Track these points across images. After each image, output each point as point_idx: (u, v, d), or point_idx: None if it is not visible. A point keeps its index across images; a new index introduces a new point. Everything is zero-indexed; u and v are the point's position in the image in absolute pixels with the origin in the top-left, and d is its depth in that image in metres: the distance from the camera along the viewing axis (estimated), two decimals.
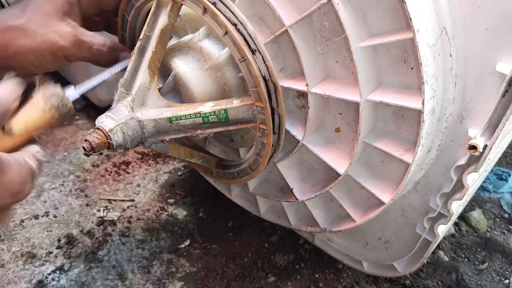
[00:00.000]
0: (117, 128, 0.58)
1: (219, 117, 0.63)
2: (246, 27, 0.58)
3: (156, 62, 0.63)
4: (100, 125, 0.58)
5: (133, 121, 0.60)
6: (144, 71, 0.62)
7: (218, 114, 0.62)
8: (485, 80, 0.60)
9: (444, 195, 0.71)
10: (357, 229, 0.79)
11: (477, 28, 0.57)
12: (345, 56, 0.63)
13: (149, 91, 0.63)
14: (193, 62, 0.66)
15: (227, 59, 0.66)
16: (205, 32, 0.68)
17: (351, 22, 0.58)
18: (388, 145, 0.66)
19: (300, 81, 0.67)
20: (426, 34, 0.55)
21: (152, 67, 0.63)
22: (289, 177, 0.80)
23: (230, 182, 0.77)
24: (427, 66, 0.55)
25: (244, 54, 0.57)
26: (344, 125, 0.69)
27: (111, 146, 0.58)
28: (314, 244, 1.02)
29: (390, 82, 0.63)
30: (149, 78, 0.63)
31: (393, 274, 0.88)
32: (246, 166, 0.71)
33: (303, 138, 0.71)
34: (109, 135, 0.57)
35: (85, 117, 1.47)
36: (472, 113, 0.63)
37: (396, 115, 0.65)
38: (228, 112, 0.62)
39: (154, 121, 0.61)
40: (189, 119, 0.62)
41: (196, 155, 0.74)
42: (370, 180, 0.71)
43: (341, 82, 0.65)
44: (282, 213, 0.93)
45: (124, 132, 0.59)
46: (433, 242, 0.76)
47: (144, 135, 0.62)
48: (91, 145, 0.56)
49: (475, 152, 0.60)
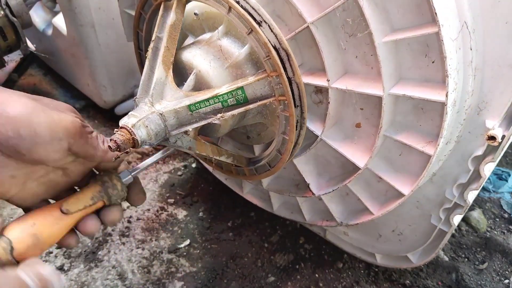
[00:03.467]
0: (140, 124, 0.59)
1: (237, 98, 0.63)
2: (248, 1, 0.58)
3: (169, 57, 0.64)
4: (123, 123, 0.59)
5: (154, 115, 0.60)
6: (159, 67, 0.63)
7: (236, 95, 0.63)
8: (503, 72, 0.62)
9: (461, 185, 0.73)
10: (371, 222, 0.81)
11: (496, 22, 0.59)
12: (365, 51, 0.64)
13: (166, 85, 0.64)
14: (214, 60, 0.67)
15: (246, 56, 0.67)
16: (223, 30, 0.69)
17: (375, 17, 0.59)
18: (409, 138, 0.67)
19: (319, 76, 0.68)
20: (449, 28, 0.56)
21: (166, 62, 0.64)
22: (306, 173, 0.81)
23: (260, 177, 0.77)
24: (451, 59, 0.57)
25: (251, 25, 0.58)
26: (363, 119, 0.70)
27: (136, 143, 0.58)
28: (326, 239, 1.03)
29: (411, 76, 0.64)
30: (164, 72, 0.64)
31: (407, 265, 0.90)
32: (275, 151, 0.71)
33: (322, 133, 0.72)
34: (133, 131, 0.58)
35: (85, 117, 1.46)
36: (489, 105, 0.65)
37: (416, 108, 0.66)
38: (246, 90, 0.62)
39: (174, 111, 0.62)
40: (208, 106, 0.63)
41: (225, 153, 0.74)
42: (390, 173, 0.73)
43: (361, 77, 0.66)
44: (296, 209, 0.93)
45: (147, 126, 0.59)
46: (449, 232, 0.78)
47: (167, 129, 0.62)
48: (116, 143, 0.57)
49: (494, 142, 0.62)
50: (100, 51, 1.22)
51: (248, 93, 0.63)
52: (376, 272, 1.03)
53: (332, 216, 0.85)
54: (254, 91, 0.63)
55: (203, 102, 0.62)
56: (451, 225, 0.76)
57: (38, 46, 1.46)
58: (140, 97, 0.63)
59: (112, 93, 1.32)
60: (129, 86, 1.35)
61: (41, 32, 1.36)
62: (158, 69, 0.63)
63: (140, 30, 0.74)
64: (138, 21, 0.73)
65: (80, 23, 1.16)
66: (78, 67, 1.33)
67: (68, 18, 1.19)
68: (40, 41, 1.41)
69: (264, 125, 0.76)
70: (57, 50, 1.36)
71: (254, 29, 0.58)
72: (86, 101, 1.48)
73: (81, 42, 1.21)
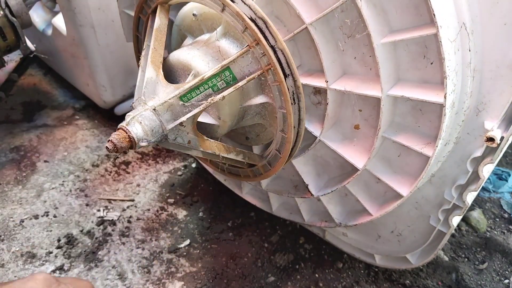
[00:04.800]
0: (133, 120, 0.59)
1: (226, 80, 0.64)
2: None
3: (158, 57, 0.66)
4: (119, 125, 0.59)
5: (147, 112, 0.61)
6: (149, 67, 0.65)
7: (224, 77, 0.63)
8: (502, 73, 0.61)
9: (459, 186, 0.73)
10: (370, 223, 0.81)
11: (494, 23, 0.59)
12: (363, 52, 0.64)
13: (157, 83, 0.64)
14: (212, 61, 0.67)
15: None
16: (222, 31, 0.69)
17: (373, 19, 0.59)
18: (407, 139, 0.67)
19: (318, 77, 0.68)
20: (448, 29, 0.56)
21: (155, 62, 0.65)
22: (305, 174, 0.81)
23: (269, 174, 0.77)
24: (449, 61, 0.57)
25: (224, 1, 0.59)
26: (362, 120, 0.70)
27: (133, 141, 0.58)
28: (325, 240, 1.03)
29: (409, 77, 0.64)
30: (154, 72, 0.65)
31: (406, 266, 0.90)
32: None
33: (320, 134, 0.72)
34: (127, 129, 0.58)
35: (85, 117, 1.46)
36: (488, 106, 0.65)
37: (414, 110, 0.66)
38: (233, 70, 0.63)
39: (167, 105, 0.62)
40: (200, 94, 0.63)
41: (233, 150, 0.73)
42: (388, 174, 0.73)
43: (359, 78, 0.66)
44: (295, 210, 0.93)
45: (141, 122, 0.60)
46: (448, 233, 0.78)
47: (162, 124, 0.62)
48: (113, 142, 0.57)
49: (493, 144, 0.62)
50: (99, 51, 1.22)
51: (236, 72, 0.63)
52: (376, 272, 1.03)
53: (331, 217, 0.85)
54: (241, 69, 0.63)
55: (194, 91, 0.63)
56: (450, 226, 0.76)
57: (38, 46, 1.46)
58: (135, 100, 0.64)
59: (112, 93, 1.32)
60: (129, 86, 1.35)
61: (41, 32, 1.36)
62: (148, 69, 0.64)
63: (139, 33, 0.74)
64: (137, 25, 0.73)
65: (80, 23, 1.15)
66: (78, 67, 1.33)
67: (67, 18, 1.20)
68: (40, 41, 1.41)
69: (263, 126, 0.76)
70: (57, 50, 1.36)
71: (226, 3, 0.59)
72: (86, 101, 1.49)
73: (81, 42, 1.21)
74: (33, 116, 1.44)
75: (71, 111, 1.48)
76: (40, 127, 1.40)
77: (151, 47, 0.66)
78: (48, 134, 1.37)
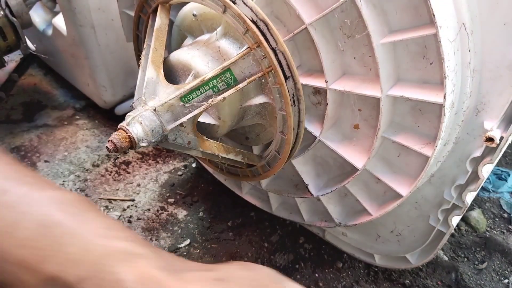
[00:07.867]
0: (134, 121, 0.59)
1: (226, 82, 0.64)
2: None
3: (158, 57, 0.66)
4: (119, 125, 0.59)
5: (147, 112, 0.61)
6: (149, 67, 0.64)
7: (224, 78, 0.64)
8: (502, 74, 0.62)
9: (459, 186, 0.73)
10: (369, 223, 0.81)
11: (494, 23, 0.59)
12: (363, 52, 0.64)
13: (158, 84, 0.64)
14: (212, 61, 0.67)
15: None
16: (222, 31, 0.69)
17: (373, 19, 0.59)
18: (407, 139, 0.67)
19: (318, 78, 0.68)
20: (447, 30, 0.56)
21: (155, 62, 0.65)
22: (304, 173, 0.81)
23: (268, 175, 0.77)
24: (449, 61, 0.57)
25: (225, 3, 0.59)
26: (361, 120, 0.70)
27: (133, 141, 0.58)
28: (325, 239, 1.03)
29: (409, 77, 0.64)
30: (155, 72, 0.65)
31: (406, 266, 0.90)
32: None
33: (320, 134, 0.72)
34: (128, 129, 0.58)
35: (85, 117, 1.46)
36: (487, 106, 0.65)
37: (414, 110, 0.66)
38: (233, 71, 0.63)
39: (167, 105, 0.62)
40: (200, 95, 0.63)
41: (232, 150, 0.73)
42: (388, 174, 0.73)
43: (359, 79, 0.66)
44: (295, 209, 0.94)
45: (141, 122, 0.60)
46: (447, 233, 0.78)
47: (163, 125, 0.62)
48: (113, 143, 0.57)
49: (492, 144, 0.62)
50: (100, 51, 1.22)
51: (236, 73, 0.63)
52: (375, 271, 1.03)
53: (330, 217, 0.85)
54: (242, 70, 0.63)
55: (194, 92, 0.63)
56: (449, 226, 0.76)
57: (38, 46, 1.46)
58: (135, 100, 0.64)
59: (112, 93, 1.32)
60: (129, 86, 1.35)
61: (41, 32, 1.36)
62: (149, 69, 0.64)
63: (139, 32, 0.74)
64: (137, 24, 0.73)
65: (80, 24, 1.16)
66: (78, 67, 1.33)
67: (67, 18, 1.20)
68: (40, 41, 1.41)
69: (263, 126, 0.76)
70: (57, 50, 1.36)
71: (227, 5, 0.59)
72: (86, 101, 1.48)
73: (81, 42, 1.21)
74: (33, 116, 1.44)
75: (72, 111, 1.48)
76: (40, 127, 1.40)
77: (151, 47, 0.66)
78: (49, 134, 1.37)
